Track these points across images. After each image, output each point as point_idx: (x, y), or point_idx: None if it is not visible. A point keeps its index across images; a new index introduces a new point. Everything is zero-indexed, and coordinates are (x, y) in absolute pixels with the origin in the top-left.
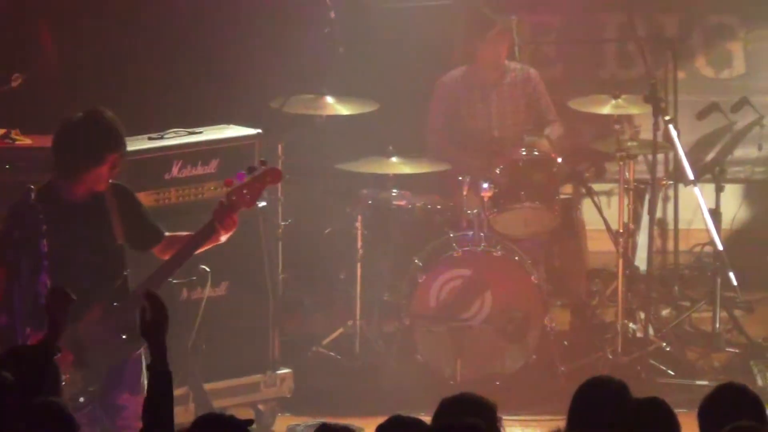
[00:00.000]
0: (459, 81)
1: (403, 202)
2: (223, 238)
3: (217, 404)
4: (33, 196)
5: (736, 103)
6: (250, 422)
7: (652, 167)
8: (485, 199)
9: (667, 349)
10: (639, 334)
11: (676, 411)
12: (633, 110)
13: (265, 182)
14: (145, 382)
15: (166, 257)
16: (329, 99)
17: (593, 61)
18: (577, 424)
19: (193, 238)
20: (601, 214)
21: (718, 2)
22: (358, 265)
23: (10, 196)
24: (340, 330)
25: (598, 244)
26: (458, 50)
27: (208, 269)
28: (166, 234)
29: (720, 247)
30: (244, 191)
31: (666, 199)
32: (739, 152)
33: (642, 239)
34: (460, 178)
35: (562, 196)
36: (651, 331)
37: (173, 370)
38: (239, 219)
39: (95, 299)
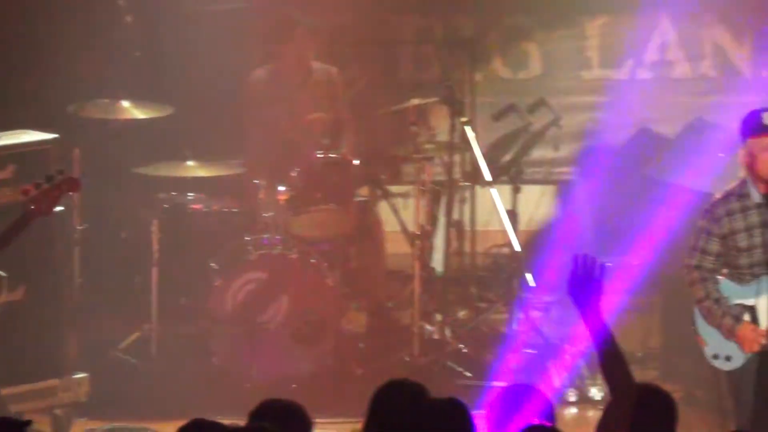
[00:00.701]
0: (264, 81)
1: (199, 206)
2: None
3: (14, 408)
4: None
5: (533, 104)
6: (27, 423)
7: (448, 169)
8: (281, 202)
9: (464, 350)
10: (436, 336)
11: (474, 412)
12: (430, 113)
13: (62, 190)
14: None
15: None
16: (125, 103)
17: (390, 63)
18: (375, 426)
19: None
20: (397, 216)
21: (515, 3)
22: (154, 269)
23: None
24: (137, 334)
25: (395, 246)
26: (257, 52)
27: (4, 274)
28: None
29: (517, 248)
30: (41, 200)
31: (463, 201)
32: (536, 153)
33: (439, 241)
34: (256, 181)
35: (358, 199)
36: (448, 332)
37: None
38: (35, 223)
39: None
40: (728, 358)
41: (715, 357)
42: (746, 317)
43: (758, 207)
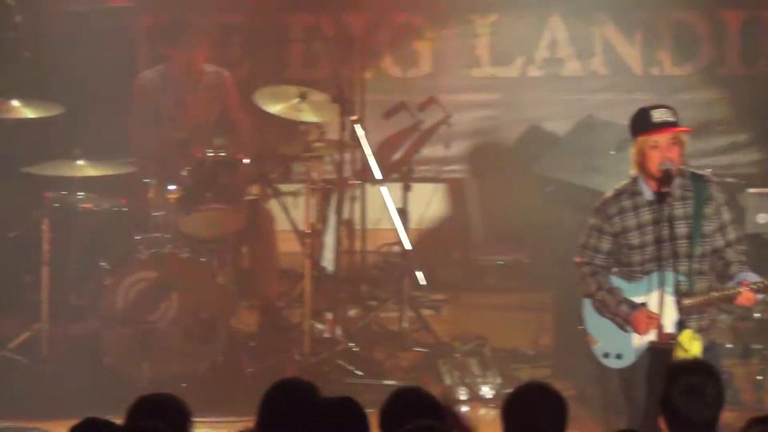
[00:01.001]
0: (154, 81)
1: (89, 205)
2: None
3: None
4: None
5: (424, 102)
6: None
7: (339, 167)
8: (172, 201)
9: (355, 349)
10: (326, 335)
11: (367, 411)
12: (319, 112)
13: None
14: None
15: None
16: (15, 103)
17: (280, 61)
18: (266, 425)
19: None
20: (288, 214)
21: (405, 1)
22: (45, 268)
23: None
24: (27, 333)
25: (286, 245)
26: (144, 52)
27: None
28: None
29: (408, 247)
30: None
31: (353, 199)
32: (426, 151)
33: (329, 239)
34: (146, 180)
35: (248, 197)
36: (339, 331)
37: None
38: None
39: None
40: (619, 356)
41: (606, 355)
42: None
43: (650, 204)
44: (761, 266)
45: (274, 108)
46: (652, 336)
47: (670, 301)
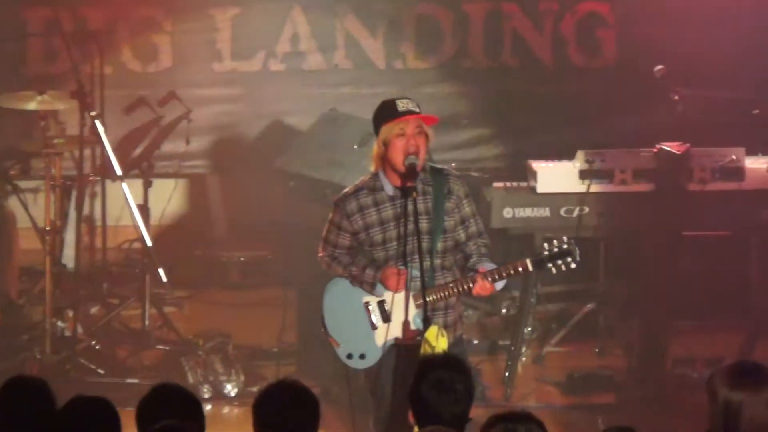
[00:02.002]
0: None
1: None
2: None
3: None
4: None
5: (164, 97)
6: None
7: (78, 163)
8: None
9: (97, 347)
10: (68, 333)
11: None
12: (59, 106)
13: None
14: None
15: None
16: None
17: (18, 56)
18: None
19: None
20: (27, 211)
21: None
22: None
23: None
24: None
25: (26, 242)
26: None
27: None
28: None
29: (149, 244)
30: None
31: (93, 196)
32: (167, 146)
33: (69, 236)
34: None
35: None
36: (80, 329)
37: None
38: None
39: None
40: (362, 357)
41: (349, 357)
42: (375, 315)
43: (392, 200)
44: (508, 261)
45: (11, 103)
46: (398, 333)
47: (408, 296)
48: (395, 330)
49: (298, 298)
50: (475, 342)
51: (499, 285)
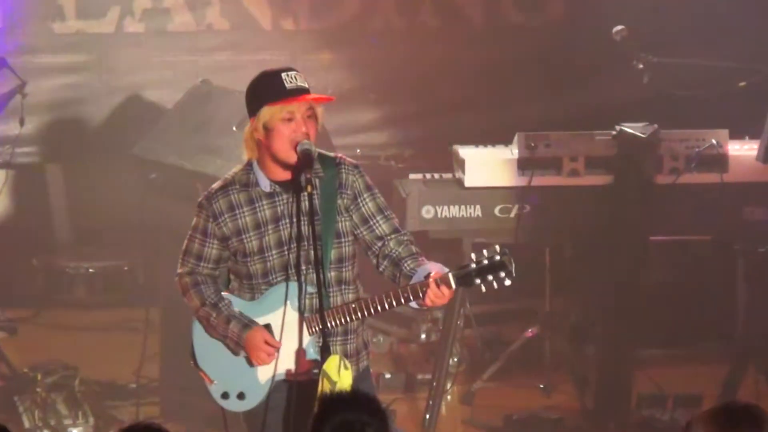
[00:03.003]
0: None
1: None
2: None
3: None
4: None
5: None
6: None
7: None
8: None
9: None
10: None
11: None
12: None
13: None
14: None
15: None
16: None
17: None
18: None
19: None
20: None
21: None
22: None
23: None
24: None
25: None
26: None
27: None
28: None
29: None
30: None
31: None
32: None
33: None
34: None
35: None
36: None
37: None
38: None
39: None
40: (241, 396)
41: (225, 396)
42: None
43: (269, 197)
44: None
45: None
46: (288, 365)
47: (295, 319)
48: (285, 362)
49: (162, 320)
50: (388, 376)
51: (413, 304)
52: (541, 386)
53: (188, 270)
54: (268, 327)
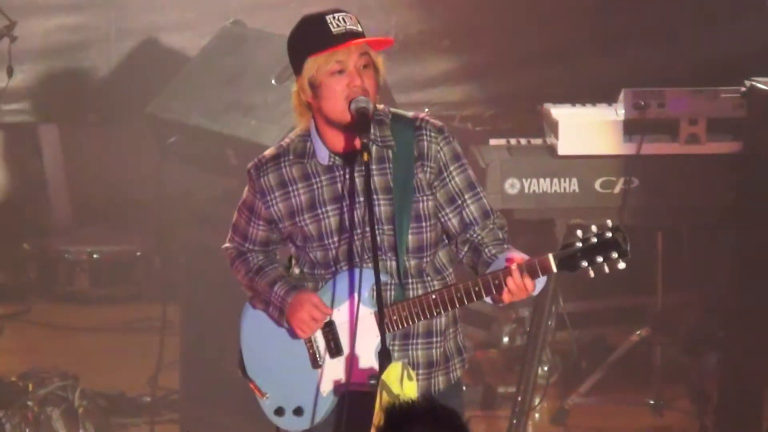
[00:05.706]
0: None
1: None
2: None
3: None
4: None
5: None
6: None
7: None
8: None
9: None
10: None
11: None
12: None
13: None
14: None
15: None
16: None
17: None
18: None
19: None
20: None
21: None
22: None
23: None
24: None
25: None
26: None
27: None
28: None
29: None
30: None
31: None
32: None
33: None
34: None
35: None
36: None
37: None
38: None
39: None
40: (299, 411)
41: (279, 412)
42: (320, 345)
43: (329, 171)
44: None
45: None
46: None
47: (367, 315)
48: (353, 369)
49: (182, 318)
50: (463, 388)
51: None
52: (651, 402)
53: (234, 247)
54: (330, 325)
